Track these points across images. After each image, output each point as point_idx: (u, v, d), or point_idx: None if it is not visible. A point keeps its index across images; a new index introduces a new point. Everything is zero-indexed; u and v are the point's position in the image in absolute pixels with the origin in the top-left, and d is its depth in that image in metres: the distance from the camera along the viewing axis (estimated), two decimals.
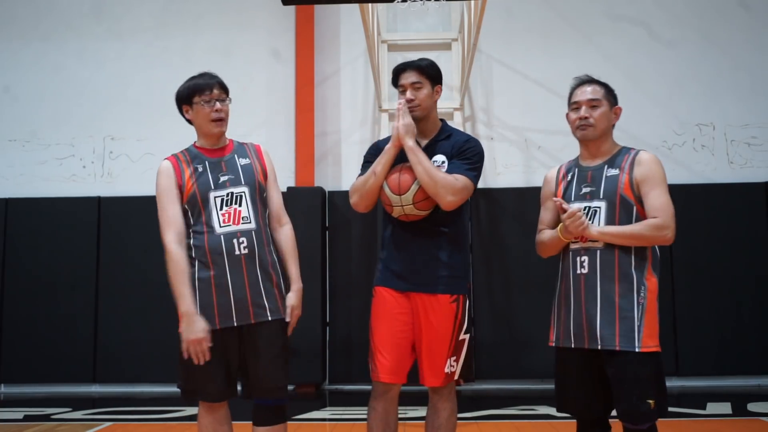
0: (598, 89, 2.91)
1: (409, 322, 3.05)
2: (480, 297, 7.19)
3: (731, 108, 7.58)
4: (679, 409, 5.64)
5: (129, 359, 7.25)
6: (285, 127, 7.72)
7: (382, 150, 3.11)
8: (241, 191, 2.93)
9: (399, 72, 3.16)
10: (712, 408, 5.81)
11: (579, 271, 2.81)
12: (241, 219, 2.90)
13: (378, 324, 3.09)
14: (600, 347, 2.74)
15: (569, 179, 2.94)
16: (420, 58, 3.21)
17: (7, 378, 7.42)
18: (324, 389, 7.27)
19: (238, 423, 3.06)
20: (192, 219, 2.91)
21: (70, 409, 6.19)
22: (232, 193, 2.92)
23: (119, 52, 7.95)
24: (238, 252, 2.86)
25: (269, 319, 2.89)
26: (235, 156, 3.01)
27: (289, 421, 3.04)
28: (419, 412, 4.70)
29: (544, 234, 2.99)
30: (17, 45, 8.01)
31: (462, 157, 3.06)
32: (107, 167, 7.87)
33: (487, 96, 7.78)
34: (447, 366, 3.02)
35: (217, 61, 7.21)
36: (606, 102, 2.89)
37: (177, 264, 2.82)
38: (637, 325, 2.71)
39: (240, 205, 2.91)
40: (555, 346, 2.91)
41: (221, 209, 2.89)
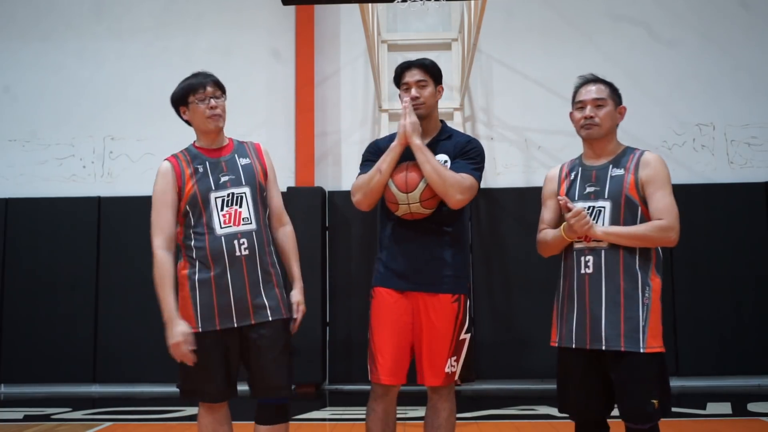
0: (603, 88, 2.89)
1: (409, 322, 3.04)
2: (480, 297, 7.19)
3: (731, 108, 7.58)
4: (680, 409, 5.62)
5: (129, 359, 7.24)
6: (285, 127, 7.72)
7: (382, 149, 3.10)
8: (242, 192, 2.92)
9: (403, 70, 3.15)
10: (712, 408, 5.82)
11: (583, 271, 2.79)
12: (242, 220, 2.89)
13: (378, 325, 3.07)
14: (604, 348, 2.73)
15: (572, 178, 2.92)
16: (422, 57, 3.20)
17: (7, 378, 7.41)
18: (324, 389, 7.27)
19: (238, 423, 3.05)
20: (192, 220, 2.90)
21: (70, 409, 6.18)
22: (232, 194, 2.91)
23: (119, 51, 7.94)
24: (238, 253, 2.86)
25: (270, 319, 2.88)
26: (236, 156, 3.00)
27: (290, 421, 3.04)
28: (418, 412, 4.69)
29: (546, 233, 2.96)
30: (17, 44, 8.00)
31: (466, 157, 3.06)
32: (107, 167, 7.86)
33: (487, 96, 7.78)
34: (447, 366, 3.01)
35: (217, 61, 7.24)
36: (611, 101, 2.88)
37: (162, 269, 2.84)
38: (642, 326, 2.70)
39: (240, 206, 2.90)
40: (557, 346, 2.89)
41: (222, 210, 2.88)
